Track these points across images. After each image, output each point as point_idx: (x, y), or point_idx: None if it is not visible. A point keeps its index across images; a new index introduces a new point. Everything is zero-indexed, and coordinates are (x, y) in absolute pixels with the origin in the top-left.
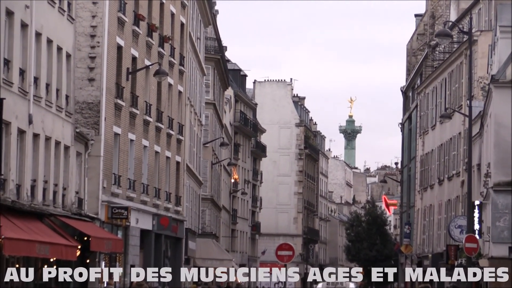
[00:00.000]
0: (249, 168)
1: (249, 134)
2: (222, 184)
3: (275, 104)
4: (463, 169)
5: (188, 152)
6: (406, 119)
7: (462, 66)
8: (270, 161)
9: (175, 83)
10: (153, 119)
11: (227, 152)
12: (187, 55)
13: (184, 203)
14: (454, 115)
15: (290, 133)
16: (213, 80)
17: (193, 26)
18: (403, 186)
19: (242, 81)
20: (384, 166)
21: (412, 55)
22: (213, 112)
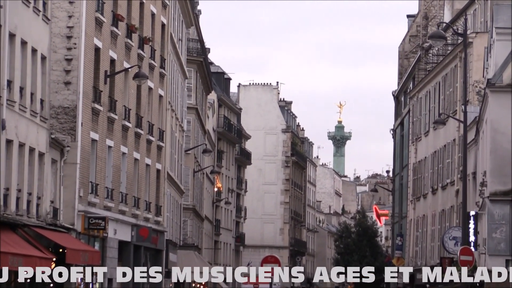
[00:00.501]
0: (233, 176)
1: (233, 140)
2: (205, 193)
3: (260, 109)
4: (457, 178)
5: (169, 159)
6: (398, 125)
7: (457, 69)
8: (255, 169)
9: (156, 87)
10: (132, 124)
11: (210, 159)
12: (168, 57)
13: (165, 213)
14: (448, 121)
15: (276, 139)
16: (196, 84)
17: (175, 26)
18: (395, 196)
19: (226, 84)
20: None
21: (404, 58)
22: (196, 117)
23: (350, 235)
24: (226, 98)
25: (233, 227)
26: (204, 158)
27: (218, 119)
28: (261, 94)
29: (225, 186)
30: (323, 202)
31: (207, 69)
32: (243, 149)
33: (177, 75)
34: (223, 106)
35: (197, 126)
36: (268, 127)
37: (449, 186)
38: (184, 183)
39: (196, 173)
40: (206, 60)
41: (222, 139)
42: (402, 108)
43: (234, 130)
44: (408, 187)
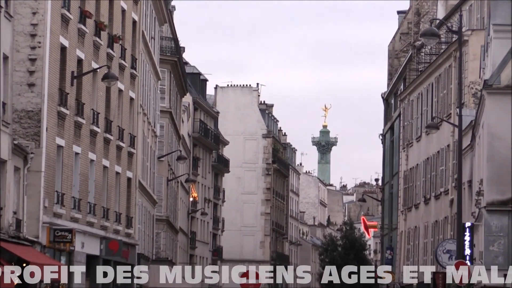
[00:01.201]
0: (210, 185)
1: (210, 146)
2: (179, 203)
3: (239, 112)
4: (452, 187)
5: (141, 167)
6: (388, 130)
7: (451, 69)
8: (234, 177)
9: (126, 89)
10: (101, 129)
11: (185, 167)
12: (140, 57)
13: (136, 224)
14: (442, 125)
15: (257, 145)
16: (169, 85)
17: (147, 24)
18: (385, 206)
19: (202, 86)
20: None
21: (394, 57)
22: (169, 121)
23: (336, 249)
24: (202, 101)
25: (210, 240)
26: (179, 166)
27: (193, 124)
28: (240, 96)
29: (201, 196)
30: (307, 213)
31: (182, 70)
32: (220, 155)
33: (150, 76)
34: (199, 110)
35: (171, 131)
36: (247, 132)
37: (443, 196)
38: (157, 193)
39: (170, 181)
40: (181, 60)
41: (198, 145)
42: (392, 111)
43: (211, 135)
44: (398, 196)
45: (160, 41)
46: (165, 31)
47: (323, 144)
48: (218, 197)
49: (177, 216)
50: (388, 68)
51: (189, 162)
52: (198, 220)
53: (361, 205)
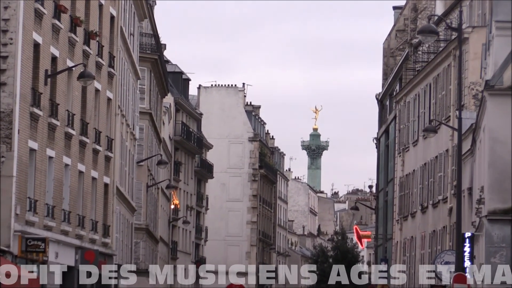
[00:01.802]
0: (193, 192)
1: (193, 150)
2: (160, 211)
3: (224, 114)
4: (451, 194)
5: (119, 172)
6: (383, 133)
7: (450, 69)
8: (218, 183)
9: (103, 89)
10: (77, 132)
11: (166, 172)
12: (118, 55)
13: (114, 233)
14: (440, 128)
15: (242, 149)
16: (149, 85)
17: (126, 19)
18: (379, 215)
19: (184, 86)
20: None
21: (389, 56)
22: (149, 123)
23: (327, 260)
24: (185, 102)
25: (192, 250)
26: (159, 171)
27: (175, 126)
28: (225, 97)
29: (183, 203)
30: (295, 222)
31: (163, 69)
32: (204, 160)
33: (128, 75)
34: (181, 111)
35: (151, 133)
36: (232, 135)
37: (441, 204)
38: (136, 200)
39: (149, 188)
40: (162, 58)
41: (179, 149)
42: (387, 113)
43: (193, 138)
44: (394, 204)
45: (140, 38)
46: (145, 27)
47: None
48: (201, 204)
49: (157, 224)
50: (383, 68)
51: (170, 167)
52: (180, 229)
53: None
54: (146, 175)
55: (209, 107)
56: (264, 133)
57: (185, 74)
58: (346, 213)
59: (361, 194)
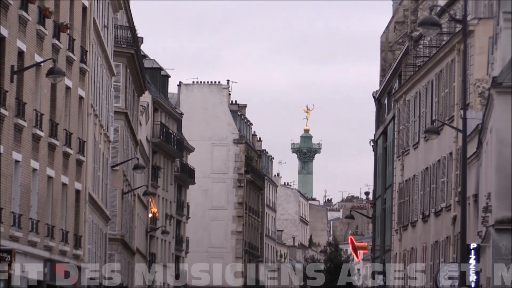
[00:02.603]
0: (172, 199)
1: (172, 153)
2: (137, 220)
3: (206, 114)
4: (455, 202)
5: (92, 177)
6: (380, 135)
7: (454, 65)
8: (200, 189)
9: (75, 86)
10: (46, 133)
11: (143, 177)
12: (91, 49)
13: (86, 245)
14: (443, 129)
15: (227, 152)
16: (125, 82)
17: (99, 10)
18: (376, 224)
19: (163, 83)
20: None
21: (388, 51)
22: (125, 124)
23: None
24: (164, 101)
25: (172, 262)
26: (136, 176)
27: (153, 127)
28: (208, 95)
29: (161, 212)
30: (285, 232)
31: (140, 64)
32: (184, 164)
33: (102, 71)
34: (160, 111)
35: (126, 135)
36: (216, 137)
37: (444, 212)
38: (111, 208)
39: (125, 195)
40: (139, 52)
41: (158, 152)
42: (385, 113)
43: (173, 140)
44: (392, 213)
45: (115, 31)
46: (120, 19)
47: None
48: (182, 213)
49: (133, 235)
50: (380, 63)
51: (148, 172)
52: (159, 239)
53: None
54: (121, 180)
55: (190, 106)
56: (250, 135)
57: (164, 70)
58: (340, 222)
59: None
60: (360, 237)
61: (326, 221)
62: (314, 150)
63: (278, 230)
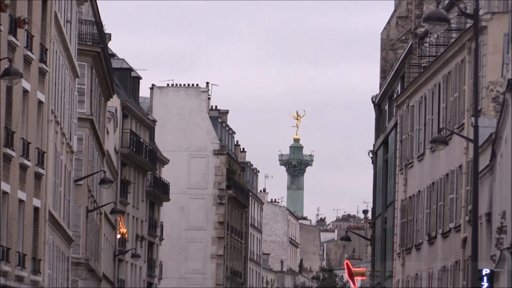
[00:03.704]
0: (144, 218)
1: (144, 166)
2: (103, 241)
3: (183, 121)
4: (465, 221)
5: (52, 193)
6: (380, 145)
7: (464, 65)
8: (175, 207)
9: (33, 89)
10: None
11: (111, 193)
12: (52, 47)
13: (46, 269)
14: (452, 139)
15: (206, 165)
16: (91, 85)
17: (61, 3)
18: (376, 246)
19: (133, 86)
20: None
21: (389, 49)
22: (90, 132)
23: None
24: (134, 106)
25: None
26: (102, 192)
27: (122, 136)
28: (184, 99)
29: (131, 232)
30: (272, 255)
31: (107, 64)
32: (158, 178)
33: (64, 72)
34: (130, 117)
35: (92, 145)
36: (193, 147)
37: (453, 233)
38: (74, 228)
39: (90, 213)
40: (106, 51)
41: (128, 165)
42: (386, 120)
43: (145, 151)
44: (394, 234)
45: (79, 26)
46: (84, 13)
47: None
48: (155, 233)
49: (100, 258)
50: (381, 64)
51: (116, 187)
52: (128, 264)
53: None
54: (86, 197)
55: (164, 112)
56: (233, 145)
57: (134, 71)
58: (335, 244)
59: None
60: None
61: (318, 243)
62: (305, 162)
63: (264, 254)
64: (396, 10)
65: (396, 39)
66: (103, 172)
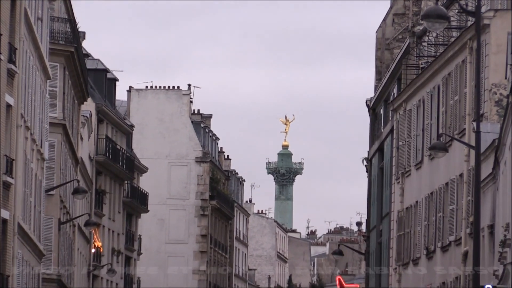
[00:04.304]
0: (120, 231)
1: (121, 175)
2: (77, 256)
3: (163, 126)
4: (466, 234)
5: (22, 204)
6: (375, 152)
7: (466, 66)
8: (155, 219)
9: (2, 92)
10: None
11: (85, 204)
12: (21, 46)
13: (15, 286)
14: (452, 145)
15: (187, 173)
16: (63, 87)
17: None
18: (370, 261)
19: (109, 88)
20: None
21: (385, 49)
22: (63, 139)
23: None
24: (111, 110)
25: None
26: (76, 203)
27: (97, 142)
28: (164, 103)
29: (107, 246)
30: (259, 271)
31: (81, 65)
32: (135, 188)
33: (35, 73)
34: (106, 122)
35: (64, 152)
36: (174, 154)
37: (453, 247)
38: (45, 241)
39: (63, 225)
40: (80, 50)
41: (103, 173)
42: (382, 126)
43: (122, 159)
44: (390, 248)
45: (51, 24)
46: (57, 10)
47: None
48: (132, 247)
49: (73, 274)
50: (375, 65)
51: (91, 197)
52: (103, 280)
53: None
54: (58, 208)
55: (143, 116)
56: (216, 152)
57: (111, 73)
58: (327, 259)
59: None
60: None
61: (309, 257)
62: (295, 170)
63: (250, 269)
64: (392, 7)
65: (392, 38)
66: (76, 181)
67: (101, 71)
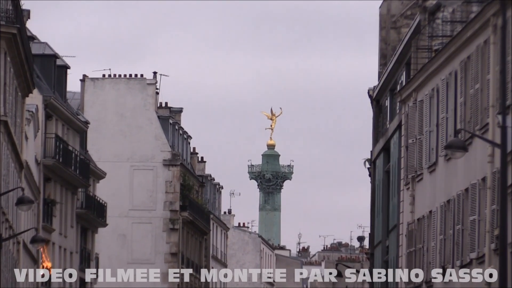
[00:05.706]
0: (74, 249)
1: (74, 181)
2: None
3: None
4: (490, 250)
5: None
6: (380, 152)
7: (488, 48)
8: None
9: None
10: None
11: (31, 216)
12: None
13: None
14: (473, 143)
15: (154, 179)
16: (4, 77)
17: None
18: (375, 283)
19: (59, 77)
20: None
21: (390, 28)
22: (4, 138)
23: None
24: (61, 103)
25: None
26: (20, 215)
27: (45, 142)
28: (125, 95)
29: (58, 267)
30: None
31: (25, 50)
32: (91, 197)
33: None
34: (55, 118)
35: (6, 154)
36: (137, 156)
37: (475, 265)
38: None
39: (5, 242)
40: (24, 32)
41: (53, 179)
42: (388, 120)
43: (75, 162)
44: (399, 267)
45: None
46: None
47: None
48: (88, 268)
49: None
50: (379, 47)
51: (38, 208)
52: None
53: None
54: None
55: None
56: (188, 153)
57: (61, 59)
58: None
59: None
60: None
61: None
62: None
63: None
64: None
65: (400, 15)
66: (21, 189)
67: (49, 57)
